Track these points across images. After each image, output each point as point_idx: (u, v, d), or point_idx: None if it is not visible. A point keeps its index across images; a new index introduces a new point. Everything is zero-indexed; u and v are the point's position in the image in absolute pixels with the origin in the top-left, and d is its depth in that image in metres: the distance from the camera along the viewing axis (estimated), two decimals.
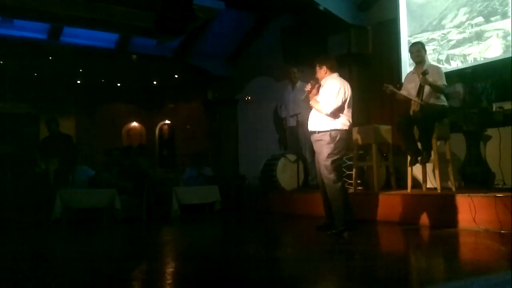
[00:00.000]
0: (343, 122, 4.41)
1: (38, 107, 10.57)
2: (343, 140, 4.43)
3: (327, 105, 4.37)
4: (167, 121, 12.09)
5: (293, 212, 6.34)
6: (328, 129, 4.37)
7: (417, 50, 5.18)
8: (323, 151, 4.38)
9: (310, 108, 4.61)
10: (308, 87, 4.57)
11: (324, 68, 4.53)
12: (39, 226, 5.96)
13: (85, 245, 4.63)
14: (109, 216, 6.10)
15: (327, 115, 4.38)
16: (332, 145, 4.35)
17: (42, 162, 6.68)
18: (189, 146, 10.99)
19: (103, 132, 11.18)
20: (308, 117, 4.47)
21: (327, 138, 4.36)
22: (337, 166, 4.42)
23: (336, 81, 4.48)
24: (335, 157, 4.36)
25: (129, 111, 12.00)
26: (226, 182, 7.71)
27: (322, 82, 4.56)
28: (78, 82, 10.81)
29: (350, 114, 4.47)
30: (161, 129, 12.15)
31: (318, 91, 4.55)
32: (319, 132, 4.42)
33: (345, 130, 4.44)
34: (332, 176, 4.34)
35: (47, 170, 6.65)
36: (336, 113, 4.38)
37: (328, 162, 4.33)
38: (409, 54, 5.46)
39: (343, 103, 4.40)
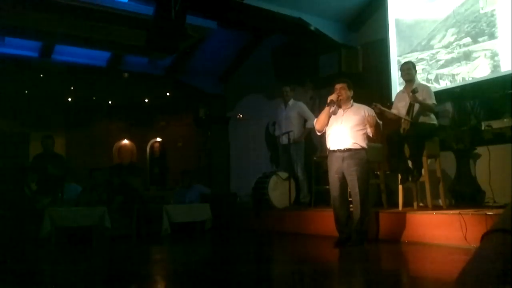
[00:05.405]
0: (366, 142, 4.70)
1: (28, 125, 10.48)
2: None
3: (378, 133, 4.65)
4: (158, 139, 12.04)
5: (284, 230, 6.30)
6: (362, 146, 4.63)
7: (408, 68, 5.28)
8: (363, 167, 4.58)
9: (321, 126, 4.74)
10: (335, 96, 4.66)
11: (351, 91, 4.73)
12: (26, 245, 5.85)
13: (73, 264, 4.55)
14: (98, 234, 6.02)
15: (376, 137, 4.68)
16: (367, 163, 4.67)
17: (27, 188, 6.64)
18: (180, 163, 10.95)
19: (94, 149, 11.09)
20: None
21: (363, 155, 4.60)
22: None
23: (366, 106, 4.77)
24: (369, 173, 4.74)
25: (120, 128, 11.94)
26: (218, 200, 7.66)
27: (349, 104, 4.71)
28: (69, 99, 10.78)
29: None
30: (152, 147, 12.09)
31: (336, 108, 4.71)
32: (356, 150, 4.60)
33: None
34: (367, 190, 4.63)
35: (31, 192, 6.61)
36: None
37: (366, 177, 4.64)
38: (400, 73, 5.55)
39: None
